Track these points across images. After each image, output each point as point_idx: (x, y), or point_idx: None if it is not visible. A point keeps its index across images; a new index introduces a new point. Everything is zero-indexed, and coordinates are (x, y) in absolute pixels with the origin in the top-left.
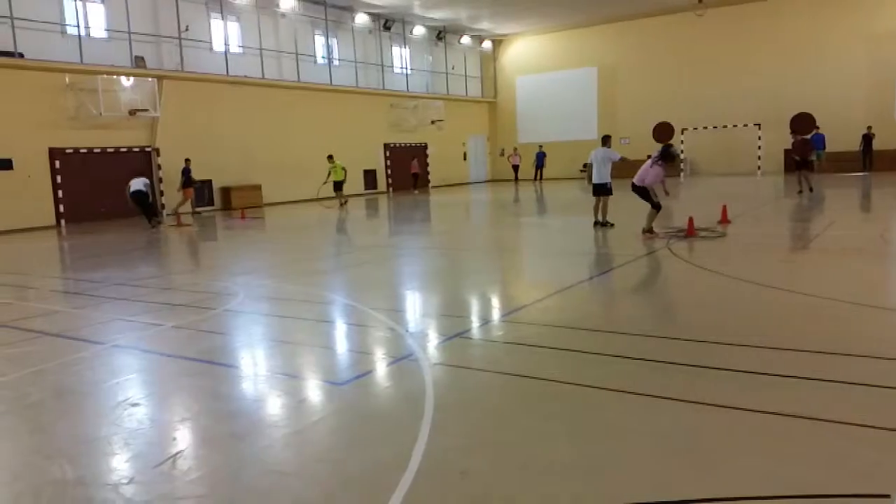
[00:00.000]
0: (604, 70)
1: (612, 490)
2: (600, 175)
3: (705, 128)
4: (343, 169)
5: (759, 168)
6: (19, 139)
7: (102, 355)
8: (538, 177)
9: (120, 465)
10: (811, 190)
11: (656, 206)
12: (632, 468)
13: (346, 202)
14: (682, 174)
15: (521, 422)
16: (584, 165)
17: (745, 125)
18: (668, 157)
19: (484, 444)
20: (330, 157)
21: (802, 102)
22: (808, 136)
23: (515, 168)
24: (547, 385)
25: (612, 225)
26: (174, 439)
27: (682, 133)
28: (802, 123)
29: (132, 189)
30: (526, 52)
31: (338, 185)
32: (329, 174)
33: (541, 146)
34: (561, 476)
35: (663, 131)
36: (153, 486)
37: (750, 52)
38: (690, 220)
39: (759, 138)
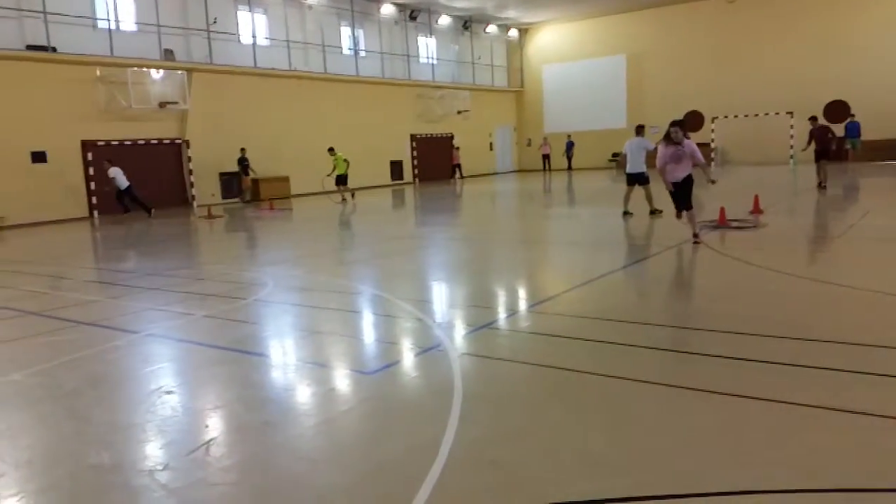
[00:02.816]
0: (632, 58)
1: (643, 482)
2: (635, 164)
3: (736, 116)
4: (346, 161)
5: (791, 157)
6: (53, 132)
7: (137, 344)
8: (569, 166)
9: (155, 451)
10: (824, 186)
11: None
12: (663, 460)
13: (352, 196)
14: (712, 164)
15: (551, 413)
16: (614, 155)
17: (777, 113)
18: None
19: (513, 434)
20: (331, 150)
21: (837, 89)
22: (828, 124)
23: (545, 158)
24: (576, 376)
25: (661, 212)
26: (207, 426)
27: (713, 122)
28: (837, 111)
29: (125, 185)
30: (553, 40)
31: (341, 179)
32: (333, 167)
33: (569, 135)
34: (591, 468)
35: (693, 120)
36: (187, 473)
37: (781, 38)
38: (722, 210)
39: (792, 127)
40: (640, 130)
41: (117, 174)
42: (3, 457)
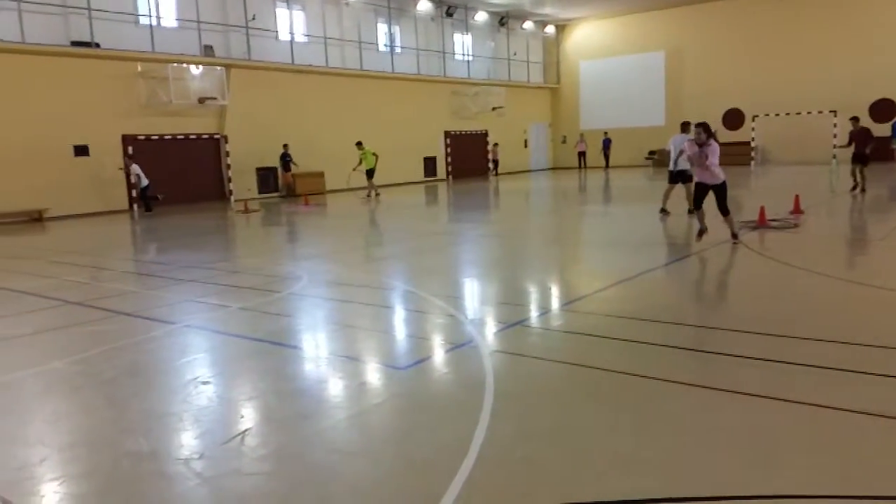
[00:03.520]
0: (671, 54)
1: (676, 484)
2: (679, 162)
3: (777, 115)
4: (374, 155)
5: (834, 157)
6: (95, 126)
7: (174, 334)
8: (607, 164)
9: (190, 440)
10: (864, 190)
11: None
12: (696, 462)
13: (377, 193)
14: (752, 163)
15: (582, 411)
16: (651, 153)
17: (820, 112)
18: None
19: (544, 432)
20: (359, 144)
21: (882, 88)
22: (867, 127)
23: (581, 155)
24: (608, 375)
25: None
26: (242, 417)
27: (753, 120)
28: (883, 110)
29: (146, 183)
30: (590, 36)
31: (369, 174)
32: (360, 161)
33: (606, 133)
34: (622, 467)
35: (733, 118)
36: (222, 462)
37: (826, 34)
38: (762, 209)
39: (835, 126)
40: (685, 127)
41: (140, 171)
42: (47, 441)
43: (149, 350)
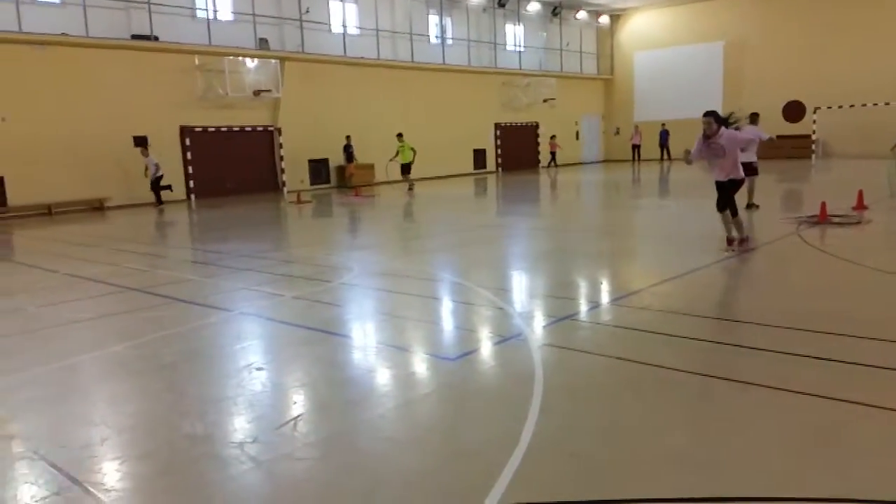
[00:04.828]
0: (730, 45)
1: (730, 484)
2: (746, 154)
3: (840, 107)
4: (412, 150)
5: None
6: (154, 117)
7: (229, 321)
8: (664, 156)
9: (245, 424)
10: None
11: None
12: (751, 463)
13: (411, 187)
14: (813, 156)
15: (633, 407)
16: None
17: (888, 103)
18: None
19: (594, 427)
20: (399, 136)
21: None
22: None
23: (636, 148)
24: (661, 372)
25: (758, 206)
26: (294, 403)
27: (815, 112)
28: None
29: (161, 172)
30: (646, 26)
31: (406, 168)
32: (396, 153)
33: (663, 124)
34: (675, 465)
35: (794, 110)
36: (275, 447)
37: (890, 23)
38: (823, 205)
39: None
40: (754, 118)
41: (156, 163)
42: (109, 422)
43: (205, 336)
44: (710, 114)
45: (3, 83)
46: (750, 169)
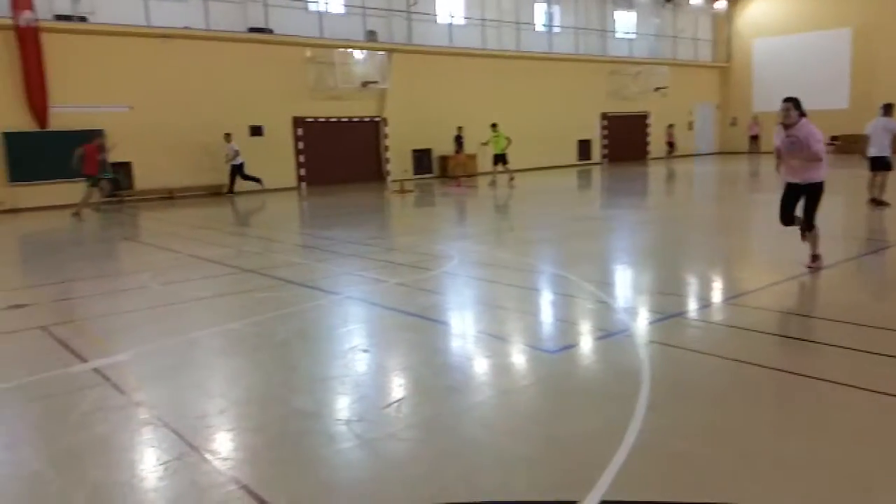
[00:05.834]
0: (859, 31)
1: (850, 495)
2: (879, 148)
3: None
4: (507, 139)
5: None
6: (268, 108)
7: (337, 304)
8: None
9: (351, 403)
10: None
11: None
12: (872, 473)
13: (493, 181)
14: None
15: (744, 410)
16: (833, 138)
17: None
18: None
19: (702, 428)
20: (494, 126)
21: None
22: None
23: (754, 139)
24: (775, 374)
25: (888, 204)
26: (399, 385)
27: None
28: None
29: (240, 160)
30: (766, 12)
31: (498, 158)
32: (488, 141)
33: None
34: (787, 472)
35: None
36: (380, 426)
37: None
38: None
39: None
40: (887, 110)
41: (236, 150)
42: (227, 394)
43: (314, 317)
44: (789, 100)
45: (131, 74)
46: (882, 164)
